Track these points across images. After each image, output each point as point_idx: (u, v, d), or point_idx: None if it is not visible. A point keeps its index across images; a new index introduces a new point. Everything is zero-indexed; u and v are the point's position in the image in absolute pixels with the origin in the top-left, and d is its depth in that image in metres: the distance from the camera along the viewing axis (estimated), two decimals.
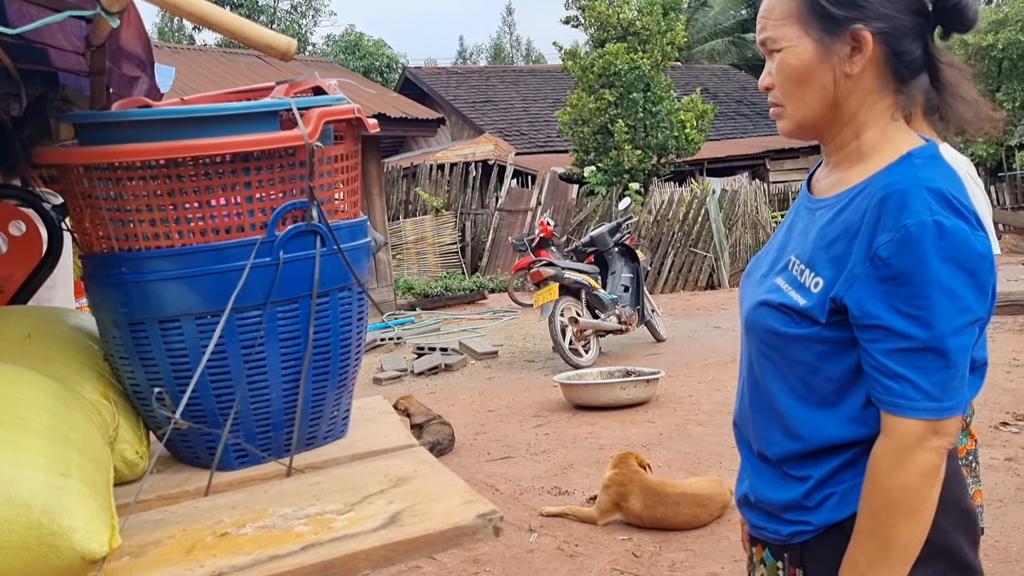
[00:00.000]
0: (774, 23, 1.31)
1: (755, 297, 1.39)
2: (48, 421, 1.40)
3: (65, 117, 1.81)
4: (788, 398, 1.34)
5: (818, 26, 1.27)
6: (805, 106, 1.32)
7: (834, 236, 1.28)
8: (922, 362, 1.19)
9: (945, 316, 1.17)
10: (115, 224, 1.68)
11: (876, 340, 1.22)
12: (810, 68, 1.29)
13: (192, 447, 1.85)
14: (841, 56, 1.27)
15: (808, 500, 1.35)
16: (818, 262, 1.29)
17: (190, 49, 16.55)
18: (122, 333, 1.74)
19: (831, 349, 1.28)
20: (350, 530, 1.48)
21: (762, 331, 1.36)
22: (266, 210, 1.68)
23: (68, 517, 1.28)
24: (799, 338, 1.30)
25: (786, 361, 1.33)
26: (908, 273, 1.17)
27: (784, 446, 1.36)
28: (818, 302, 1.27)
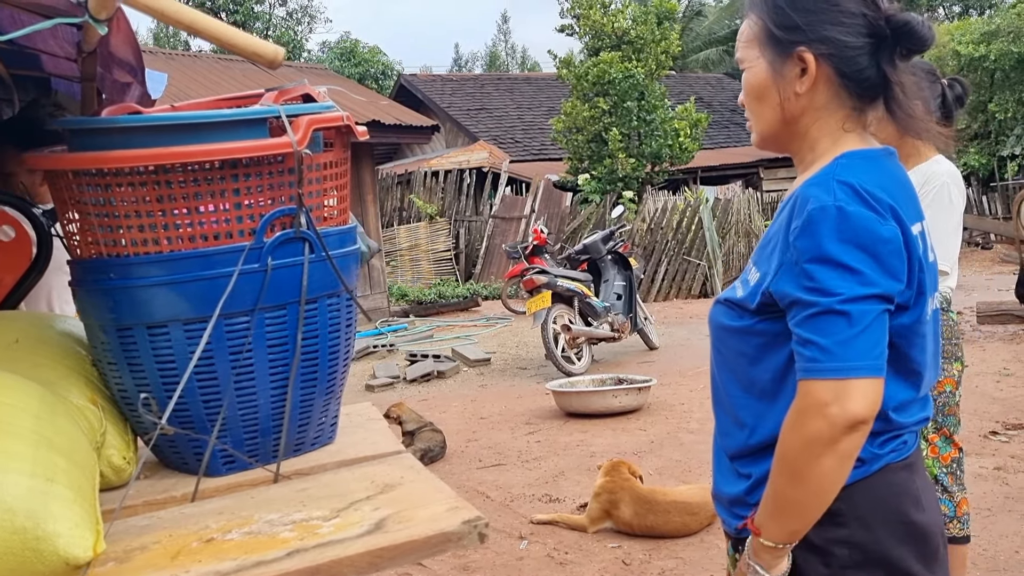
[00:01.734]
0: (742, 45, 1.44)
1: (716, 298, 1.52)
2: (33, 426, 1.40)
3: (55, 123, 1.81)
4: (736, 389, 1.44)
5: (771, 48, 1.38)
6: (764, 121, 1.43)
7: (771, 235, 1.39)
8: (825, 324, 1.24)
9: (845, 285, 1.23)
10: (104, 230, 1.69)
11: (792, 316, 1.29)
12: (764, 86, 1.40)
13: (179, 453, 1.85)
14: (790, 76, 1.37)
15: (750, 497, 1.42)
16: (758, 259, 1.40)
17: (185, 55, 16.55)
18: (110, 339, 1.75)
19: (766, 342, 1.37)
20: (335, 536, 1.49)
21: (714, 327, 1.48)
22: (255, 217, 1.69)
23: (53, 522, 1.29)
24: (739, 331, 1.41)
25: (732, 354, 1.44)
26: (810, 250, 1.25)
27: (737, 438, 1.45)
28: (751, 291, 1.38)
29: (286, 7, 34.71)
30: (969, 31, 18.24)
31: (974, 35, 17.83)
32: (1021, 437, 5.26)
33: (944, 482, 2.96)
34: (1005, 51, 17.22)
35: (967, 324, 9.09)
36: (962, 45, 17.55)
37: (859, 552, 1.32)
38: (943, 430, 2.94)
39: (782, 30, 1.36)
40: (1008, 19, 17.83)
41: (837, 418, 1.22)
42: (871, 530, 1.33)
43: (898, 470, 1.37)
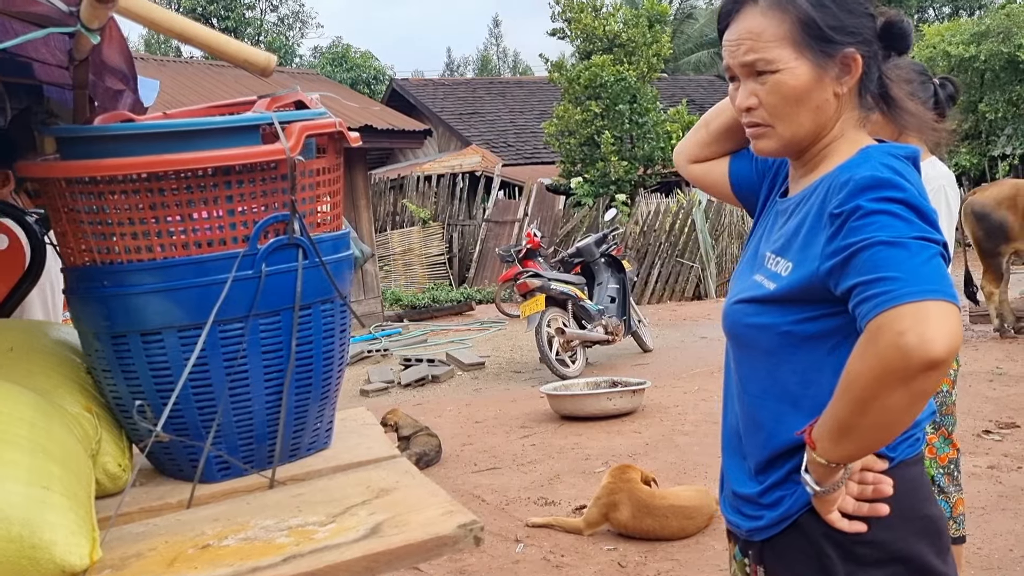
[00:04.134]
0: (767, 45, 1.35)
1: (733, 297, 1.47)
2: (29, 434, 1.40)
3: (47, 131, 1.82)
4: (757, 389, 1.42)
5: (815, 48, 1.34)
6: (797, 125, 1.38)
7: (799, 223, 1.36)
8: (888, 256, 1.17)
9: (899, 227, 1.19)
10: (97, 237, 1.69)
11: (851, 274, 1.20)
12: (808, 89, 1.35)
13: (175, 460, 1.85)
14: (831, 77, 1.35)
15: (763, 497, 1.41)
16: (787, 249, 1.36)
17: (176, 61, 16.53)
18: (104, 346, 1.75)
19: (795, 343, 1.34)
20: (331, 541, 1.49)
21: (737, 326, 1.44)
22: (248, 223, 1.69)
23: (49, 530, 1.29)
24: (766, 328, 1.37)
25: (757, 353, 1.41)
26: (859, 209, 1.21)
27: (755, 439, 1.43)
28: (785, 284, 1.33)
29: (277, 13, 34.73)
30: (959, 32, 18.30)
31: (964, 36, 17.89)
32: (1014, 436, 5.29)
33: (941, 483, 2.97)
34: (995, 51, 17.29)
35: None
36: (952, 46, 17.62)
37: (880, 550, 1.32)
38: (942, 429, 2.95)
39: (833, 30, 1.33)
40: (998, 20, 17.90)
41: (914, 350, 1.10)
42: (891, 528, 1.33)
43: (911, 465, 1.38)
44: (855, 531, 1.32)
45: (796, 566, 1.39)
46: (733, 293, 1.49)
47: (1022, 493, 4.30)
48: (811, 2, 1.34)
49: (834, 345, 1.32)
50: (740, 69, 1.40)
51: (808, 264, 1.30)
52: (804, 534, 1.37)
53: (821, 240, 1.27)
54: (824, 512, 1.33)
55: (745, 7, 1.39)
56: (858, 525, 1.32)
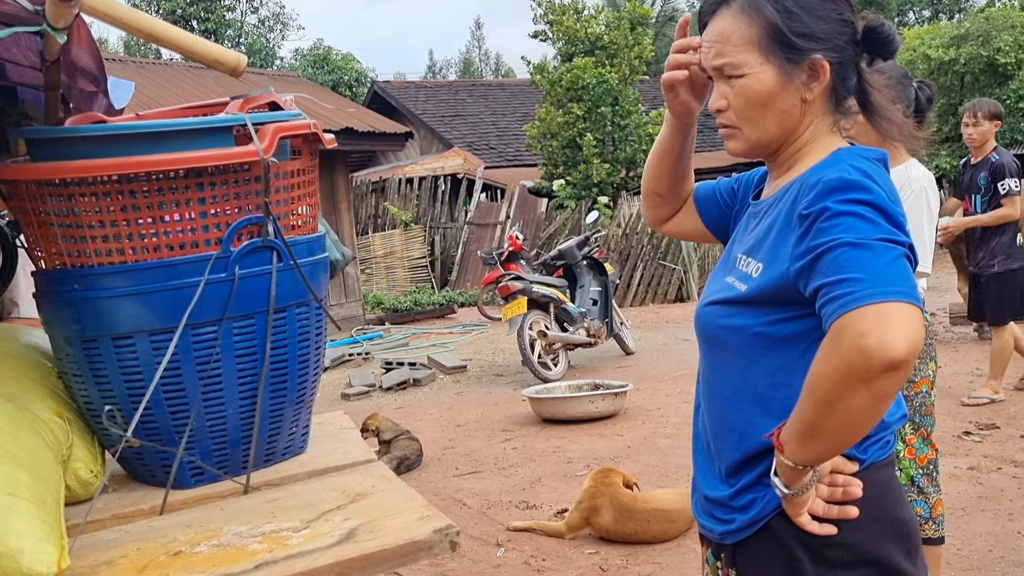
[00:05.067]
0: (734, 49, 1.36)
1: (706, 299, 1.47)
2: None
3: (16, 132, 1.79)
4: (728, 391, 1.41)
5: (780, 54, 1.34)
6: (762, 129, 1.39)
7: (770, 224, 1.36)
8: (852, 257, 1.17)
9: (865, 228, 1.19)
10: (67, 240, 1.67)
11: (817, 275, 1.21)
12: (772, 94, 1.35)
13: (147, 465, 1.83)
14: (797, 83, 1.35)
15: (734, 501, 1.41)
16: (757, 250, 1.37)
17: (155, 63, 16.43)
18: (75, 350, 1.72)
19: (767, 344, 1.34)
20: (305, 547, 1.48)
21: (709, 327, 1.44)
22: (221, 225, 1.68)
23: (15, 538, 1.27)
24: (738, 329, 1.37)
25: (728, 355, 1.41)
26: (827, 210, 1.21)
27: (726, 441, 1.43)
28: (756, 286, 1.34)
29: (258, 15, 34.60)
30: (939, 35, 18.45)
31: (944, 39, 18.03)
32: (994, 437, 5.31)
33: (920, 483, 2.98)
34: (974, 55, 17.43)
35: (940, 325, 9.17)
36: (932, 49, 17.75)
37: (850, 552, 1.33)
38: (921, 430, 2.96)
39: (799, 37, 1.33)
40: (977, 23, 18.06)
41: (875, 351, 1.11)
42: (861, 530, 1.33)
43: (881, 468, 1.39)
44: (824, 533, 1.32)
45: (768, 568, 1.39)
46: (706, 295, 1.49)
47: (1001, 494, 4.32)
48: (778, 8, 1.33)
49: (806, 348, 1.30)
50: (712, 71, 1.41)
51: (778, 265, 1.30)
52: (775, 537, 1.36)
53: (791, 241, 1.28)
54: (794, 515, 1.33)
55: (720, 9, 1.39)
56: (828, 527, 1.32)
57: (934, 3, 30.96)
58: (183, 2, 29.41)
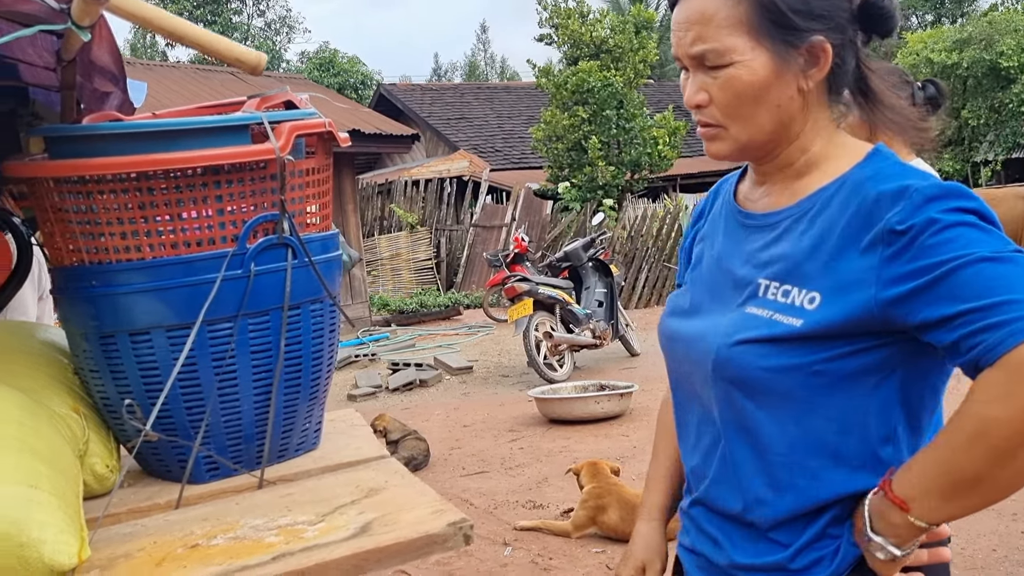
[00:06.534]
0: (717, 31, 1.14)
1: (723, 336, 1.18)
2: (16, 433, 1.40)
3: (35, 131, 1.82)
4: (782, 445, 1.15)
5: (775, 36, 1.13)
6: (755, 127, 1.17)
7: (813, 243, 1.14)
8: (999, 275, 0.99)
9: (990, 241, 1.02)
10: (85, 237, 1.68)
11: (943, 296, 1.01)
12: (766, 85, 1.14)
13: (163, 460, 1.85)
14: (794, 70, 1.15)
15: (795, 562, 1.17)
16: (805, 276, 1.13)
17: (163, 66, 16.50)
18: (92, 346, 1.74)
19: (829, 383, 1.11)
20: (321, 540, 1.49)
21: (747, 371, 1.15)
22: (237, 223, 1.69)
23: (37, 529, 1.28)
24: (792, 370, 1.12)
25: (775, 401, 1.14)
26: (932, 223, 1.03)
27: (775, 505, 1.18)
28: (819, 319, 1.10)
29: (264, 18, 34.69)
30: (941, 39, 18.48)
31: (946, 43, 18.06)
32: None
33: None
34: (977, 58, 17.45)
35: None
36: (935, 53, 17.78)
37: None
38: None
39: (797, 14, 1.11)
40: (980, 27, 18.08)
41: None
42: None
43: None
44: None
45: None
46: (717, 329, 1.20)
47: None
48: None
49: (877, 383, 1.11)
50: (688, 60, 1.18)
51: (853, 293, 1.08)
52: None
53: (865, 263, 1.07)
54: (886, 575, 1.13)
55: None
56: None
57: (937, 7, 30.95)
58: (190, 5, 29.51)
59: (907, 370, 1.12)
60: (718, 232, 1.32)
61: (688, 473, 1.35)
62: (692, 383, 1.28)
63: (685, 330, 1.28)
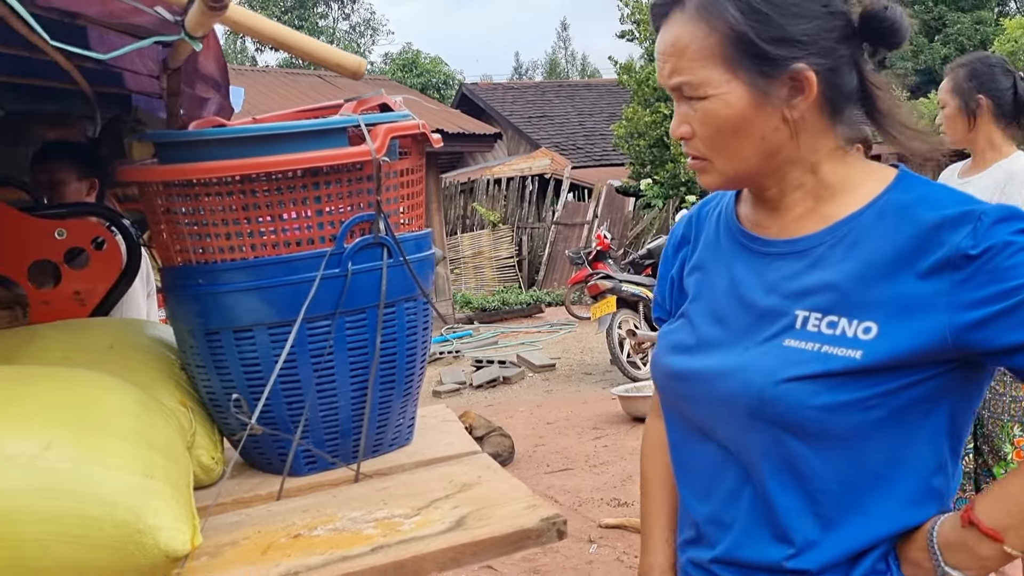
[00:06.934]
0: (691, 64, 1.10)
1: (765, 374, 1.10)
2: (134, 425, 1.47)
3: (146, 137, 1.90)
4: (835, 485, 1.10)
5: (751, 68, 1.08)
6: (740, 160, 1.13)
7: (862, 270, 1.08)
8: None
9: None
10: (192, 238, 1.76)
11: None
12: (745, 118, 1.09)
13: (264, 453, 1.91)
14: (777, 100, 1.09)
15: None
16: (854, 305, 1.07)
17: (253, 70, 16.95)
18: (198, 342, 1.82)
19: (883, 416, 1.07)
20: (417, 533, 1.53)
21: (792, 411, 1.08)
22: (335, 223, 1.74)
23: (153, 516, 1.35)
24: (848, 407, 1.06)
25: (829, 442, 1.08)
26: (1009, 245, 1.00)
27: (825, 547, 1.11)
28: (883, 350, 1.05)
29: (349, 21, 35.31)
30: None
31: None
32: None
33: None
34: None
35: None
36: None
37: None
38: None
39: (772, 44, 1.06)
40: None
41: None
42: None
43: None
44: None
45: None
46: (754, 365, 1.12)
47: None
48: (743, 8, 1.06)
49: (927, 410, 1.08)
50: (670, 90, 1.15)
51: (915, 320, 1.04)
52: None
53: (930, 289, 1.03)
54: None
55: (673, 12, 1.12)
56: None
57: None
58: (278, 10, 30.23)
59: (955, 397, 1.09)
60: (722, 260, 1.23)
61: (700, 522, 1.23)
62: (710, 424, 1.18)
63: (700, 368, 1.18)
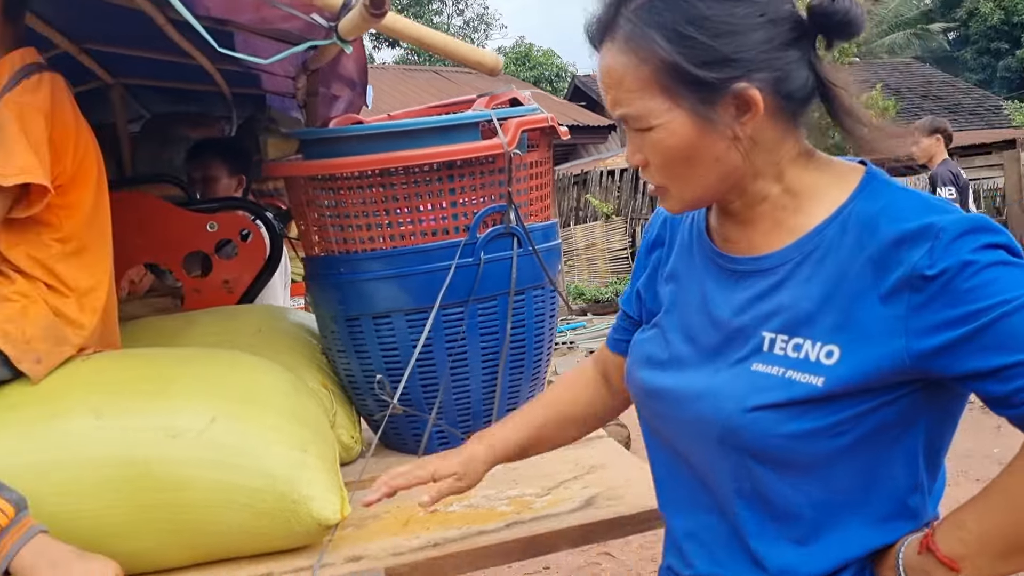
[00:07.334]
0: (629, 96, 1.05)
1: (734, 401, 1.05)
2: (287, 403, 1.58)
3: (291, 134, 2.02)
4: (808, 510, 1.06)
5: (689, 95, 1.02)
6: (696, 185, 1.08)
7: (826, 289, 1.03)
8: None
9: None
10: (335, 229, 1.86)
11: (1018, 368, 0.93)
12: (693, 145, 1.04)
13: (400, 434, 2.01)
14: (724, 121, 1.03)
15: None
16: (819, 327, 1.02)
17: (372, 68, 17.37)
18: (340, 328, 1.93)
19: (851, 441, 1.03)
20: (549, 511, 1.60)
21: (759, 440, 1.04)
22: (468, 214, 1.82)
23: (307, 487, 1.45)
24: (814, 434, 1.02)
25: (798, 466, 1.05)
26: (968, 266, 0.94)
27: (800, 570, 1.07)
28: (843, 376, 1.00)
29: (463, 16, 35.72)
30: None
31: None
32: None
33: None
34: None
35: None
36: None
37: None
38: None
39: (706, 67, 1.00)
40: None
41: None
42: None
43: None
44: None
45: None
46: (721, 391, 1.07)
47: None
48: (670, 36, 1.00)
49: (900, 432, 1.03)
50: (616, 120, 1.11)
51: (875, 345, 0.99)
52: None
53: (890, 312, 0.98)
54: None
55: (605, 42, 1.07)
56: None
57: None
58: (395, 8, 30.81)
59: (930, 415, 1.04)
60: (695, 274, 1.18)
61: (679, 537, 1.19)
62: (683, 445, 1.15)
63: (672, 387, 1.14)
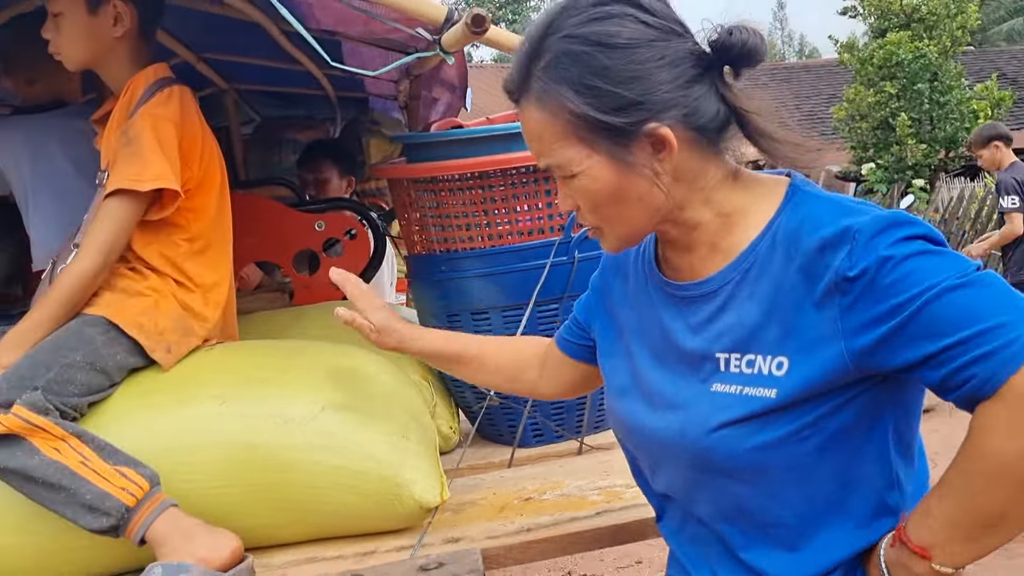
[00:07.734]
0: (550, 148, 1.08)
1: (698, 425, 1.08)
2: (389, 392, 1.68)
3: (396, 139, 2.12)
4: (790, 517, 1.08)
5: (604, 140, 1.05)
6: (627, 223, 1.11)
7: (767, 305, 1.06)
8: (972, 301, 0.94)
9: (950, 264, 0.97)
10: (436, 229, 1.96)
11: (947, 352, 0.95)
12: (616, 186, 1.07)
13: (496, 425, 2.10)
14: (641, 160, 1.06)
15: None
16: (766, 342, 1.05)
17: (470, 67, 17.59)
18: (440, 323, 2.02)
19: (821, 444, 1.05)
20: (638, 501, 1.64)
21: (734, 457, 1.06)
22: (563, 214, 1.89)
23: (409, 471, 1.55)
24: (779, 443, 1.04)
25: (773, 478, 1.07)
26: (885, 261, 0.97)
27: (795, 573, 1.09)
28: (794, 385, 1.02)
29: None
30: None
31: None
32: None
33: None
34: None
35: None
36: None
37: None
38: None
39: (615, 113, 1.03)
40: None
41: None
42: None
43: None
44: None
45: None
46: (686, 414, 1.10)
47: None
48: (576, 88, 1.04)
49: (867, 428, 1.05)
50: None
51: (818, 351, 1.01)
52: None
53: (825, 316, 1.01)
54: None
55: (522, 99, 1.10)
56: None
57: None
58: (493, 6, 31.11)
59: (895, 409, 1.06)
60: (652, 303, 1.20)
61: (678, 554, 1.23)
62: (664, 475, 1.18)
63: (644, 419, 1.17)
